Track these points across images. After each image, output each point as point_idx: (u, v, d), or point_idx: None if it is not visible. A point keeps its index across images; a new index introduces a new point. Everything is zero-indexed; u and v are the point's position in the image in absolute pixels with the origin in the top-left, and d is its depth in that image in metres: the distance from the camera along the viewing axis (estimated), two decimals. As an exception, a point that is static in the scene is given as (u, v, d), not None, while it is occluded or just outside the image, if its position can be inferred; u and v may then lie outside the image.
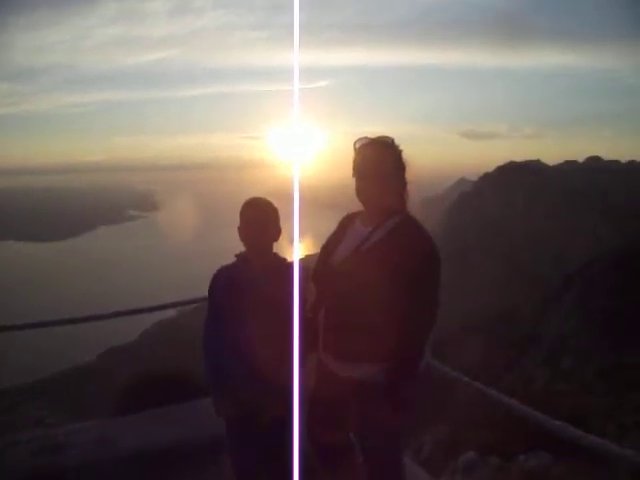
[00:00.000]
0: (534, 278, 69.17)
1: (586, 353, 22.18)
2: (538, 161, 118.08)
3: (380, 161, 2.65)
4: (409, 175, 2.71)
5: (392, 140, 2.70)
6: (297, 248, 2.73)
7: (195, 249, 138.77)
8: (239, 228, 2.85)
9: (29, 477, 3.86)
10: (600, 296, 28.86)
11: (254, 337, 2.71)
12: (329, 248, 2.86)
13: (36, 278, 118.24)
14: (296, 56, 2.25)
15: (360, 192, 2.71)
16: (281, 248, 2.97)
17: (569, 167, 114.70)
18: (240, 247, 2.87)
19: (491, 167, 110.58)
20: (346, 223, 2.91)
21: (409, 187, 2.72)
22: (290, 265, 2.82)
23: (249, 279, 2.81)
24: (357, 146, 2.72)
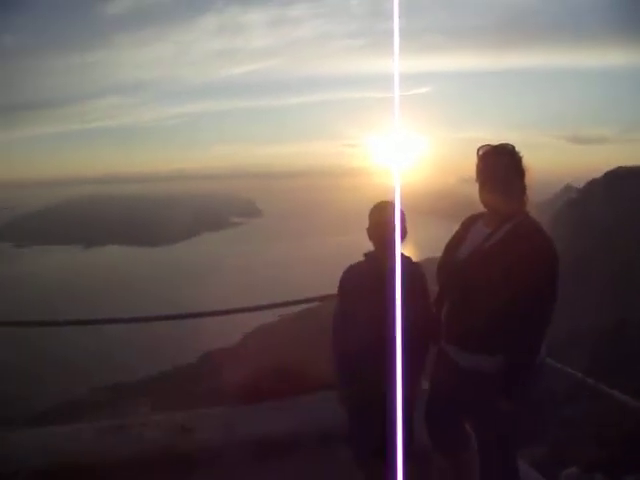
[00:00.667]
0: (646, 289, 66.39)
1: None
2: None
3: (501, 167, 2.89)
4: (529, 180, 2.95)
5: (512, 147, 2.93)
6: (398, 255, 2.77)
7: (296, 255, 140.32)
8: (368, 229, 3.13)
9: (160, 455, 4.29)
10: None
11: (383, 332, 2.76)
12: (452, 246, 3.10)
13: (140, 282, 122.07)
14: (396, 63, 2.24)
15: (483, 195, 2.95)
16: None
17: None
18: (338, 252, 2.96)
19: (599, 173, 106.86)
20: (469, 224, 3.14)
21: (529, 191, 2.93)
22: (416, 264, 3.18)
23: (378, 277, 2.90)
24: (480, 153, 2.95)
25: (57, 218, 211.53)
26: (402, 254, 3.05)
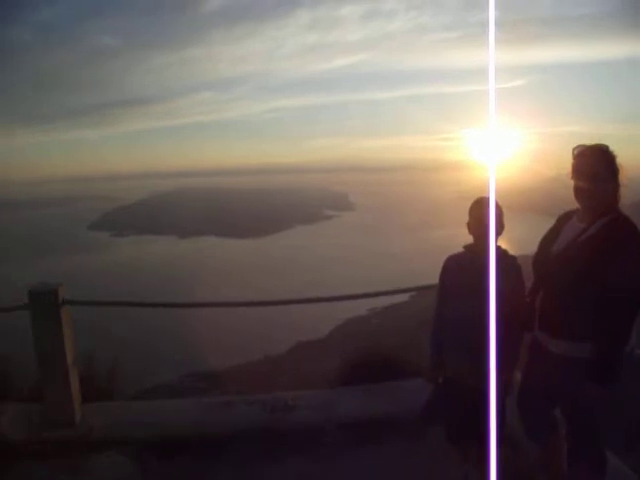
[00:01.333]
0: None
1: None
2: None
3: (595, 166, 3.04)
4: (622, 178, 3.08)
5: (607, 147, 3.07)
6: (493, 250, 2.85)
7: (387, 249, 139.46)
8: (468, 223, 3.30)
9: (264, 429, 4.63)
10: None
11: (478, 318, 3.01)
12: (548, 240, 3.30)
13: (234, 272, 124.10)
14: (491, 55, 2.23)
15: (578, 193, 3.12)
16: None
17: None
18: (436, 244, 3.10)
19: None
20: (564, 219, 3.32)
21: (624, 190, 3.07)
22: (512, 257, 3.32)
23: (475, 268, 3.15)
24: (575, 152, 3.13)
25: (152, 210, 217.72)
26: (499, 247, 3.26)
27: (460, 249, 3.44)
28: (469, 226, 3.30)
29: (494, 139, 2.72)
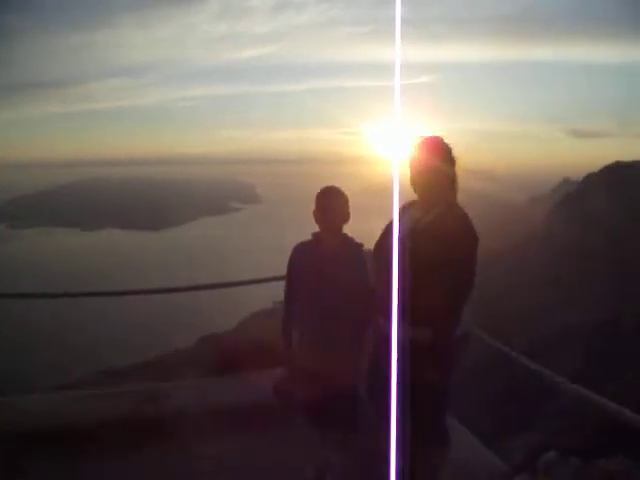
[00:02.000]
0: (641, 285, 66.36)
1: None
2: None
3: (430, 157, 3.14)
4: (458, 169, 3.21)
5: (441, 138, 3.21)
6: (395, 243, 2.90)
7: (291, 241, 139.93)
8: (314, 212, 3.35)
9: (136, 419, 4.55)
10: None
11: (322, 306, 3.26)
12: (388, 231, 3.34)
13: (137, 266, 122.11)
14: (398, 51, 2.25)
15: (413, 183, 3.23)
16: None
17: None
18: None
19: (596, 167, 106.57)
20: (404, 209, 3.37)
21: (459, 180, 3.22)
22: (357, 245, 3.40)
23: (319, 255, 3.32)
24: (413, 143, 3.20)
25: (54, 200, 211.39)
26: (345, 235, 3.39)
27: (365, 240, 3.45)
28: (315, 215, 3.35)
29: (398, 135, 2.76)
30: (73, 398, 5.21)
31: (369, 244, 3.37)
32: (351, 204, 3.35)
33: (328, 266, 3.27)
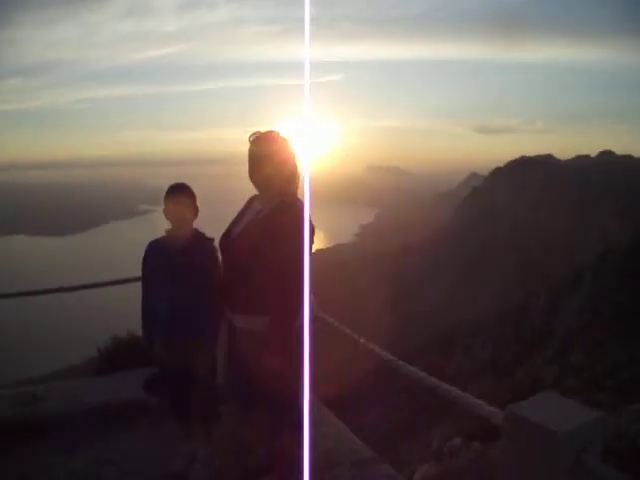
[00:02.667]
0: (546, 273, 68.63)
1: (598, 349, 22.05)
2: (550, 156, 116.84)
3: (266, 152, 3.16)
4: (292, 165, 3.20)
5: (278, 133, 3.22)
6: (308, 242, 2.89)
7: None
8: (164, 210, 3.38)
9: (12, 424, 4.44)
10: (612, 291, 28.74)
11: (173, 301, 3.32)
12: (233, 222, 3.41)
13: (48, 271, 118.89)
14: (307, 50, 2.25)
15: (251, 177, 3.25)
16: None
17: (581, 162, 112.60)
18: None
19: (502, 162, 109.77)
20: (249, 202, 3.45)
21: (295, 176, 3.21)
22: (207, 239, 3.47)
23: (170, 250, 3.38)
24: (250, 139, 3.21)
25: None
26: (195, 230, 3.47)
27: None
28: (165, 212, 3.39)
29: (310, 133, 2.77)
30: None
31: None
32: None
33: (181, 261, 3.34)
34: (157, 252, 3.47)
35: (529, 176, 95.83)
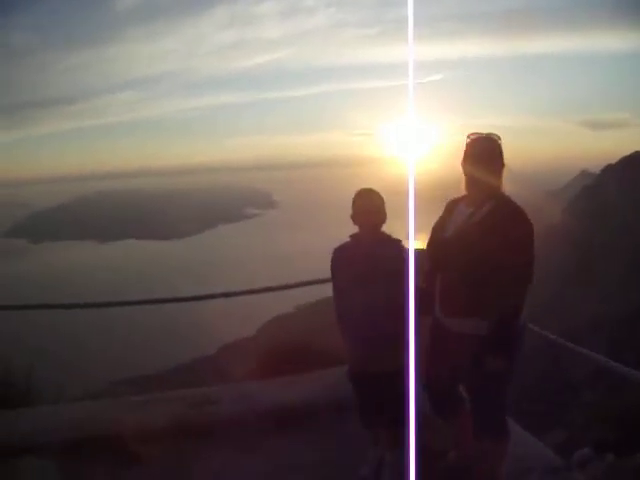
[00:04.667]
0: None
1: None
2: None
3: (485, 153, 3.22)
4: (505, 167, 3.28)
5: (497, 136, 3.26)
6: (412, 244, 2.91)
7: (312, 246, 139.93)
8: (352, 215, 3.44)
9: (186, 425, 4.53)
10: None
11: (367, 305, 3.31)
12: (438, 227, 3.46)
13: (158, 275, 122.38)
14: (410, 50, 2.26)
15: (467, 179, 3.29)
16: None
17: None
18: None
19: (615, 158, 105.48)
20: (452, 206, 3.48)
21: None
22: (397, 242, 3.43)
23: (361, 255, 3.38)
24: (468, 140, 3.28)
25: (71, 214, 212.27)
26: (383, 233, 3.45)
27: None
28: (353, 217, 3.43)
29: (412, 134, 2.77)
30: (115, 405, 5.20)
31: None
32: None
33: (370, 265, 3.32)
34: (345, 258, 3.52)
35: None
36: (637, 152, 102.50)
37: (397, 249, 3.37)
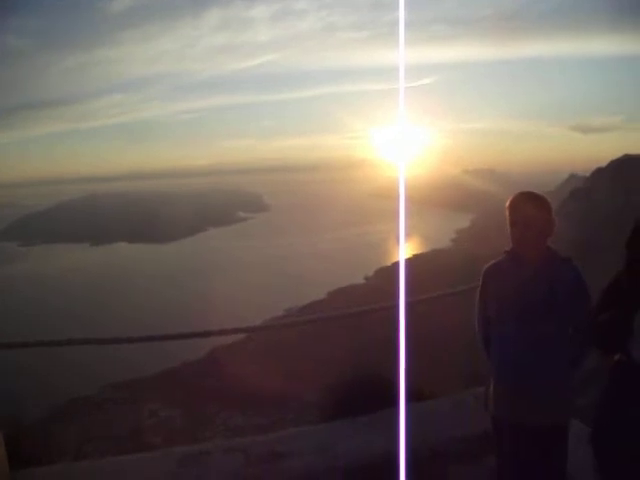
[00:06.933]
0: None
1: None
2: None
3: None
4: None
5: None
6: (402, 247, 2.80)
7: (302, 250, 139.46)
8: (510, 228, 2.84)
9: None
10: None
11: (522, 335, 2.76)
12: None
13: (148, 279, 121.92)
14: (401, 54, 2.24)
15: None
16: (388, 248, 3.05)
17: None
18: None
19: (604, 162, 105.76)
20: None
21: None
22: (564, 261, 2.83)
23: (517, 275, 2.81)
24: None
25: (63, 217, 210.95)
26: (549, 249, 2.86)
27: (373, 245, 3.10)
28: (512, 230, 2.84)
29: (403, 137, 2.73)
30: (172, 458, 4.25)
31: (375, 247, 3.02)
32: (360, 207, 2.92)
33: (531, 291, 2.75)
34: (499, 281, 2.92)
35: (633, 175, 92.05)
36: (626, 155, 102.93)
37: (573, 271, 2.84)
